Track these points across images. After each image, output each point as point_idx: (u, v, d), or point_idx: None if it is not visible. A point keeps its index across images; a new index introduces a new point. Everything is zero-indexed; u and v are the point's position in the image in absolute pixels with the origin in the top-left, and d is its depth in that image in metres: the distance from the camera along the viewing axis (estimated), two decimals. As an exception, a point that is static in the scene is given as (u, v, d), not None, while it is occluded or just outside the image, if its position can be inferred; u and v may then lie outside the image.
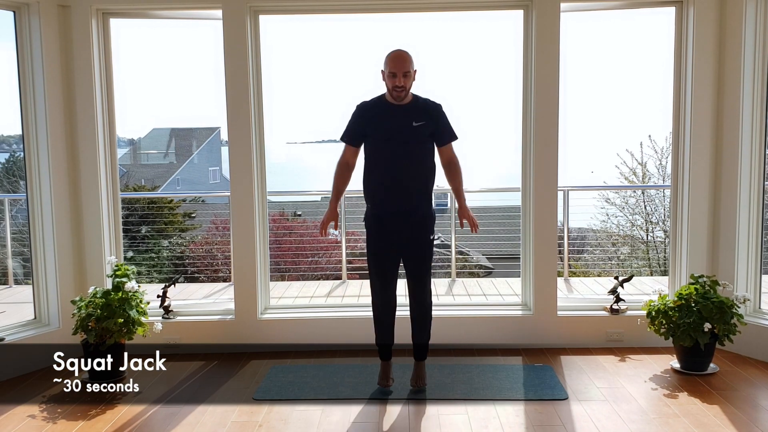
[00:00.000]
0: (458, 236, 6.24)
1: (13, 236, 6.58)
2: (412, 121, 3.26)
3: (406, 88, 3.22)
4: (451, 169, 3.43)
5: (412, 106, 3.28)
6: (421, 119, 3.27)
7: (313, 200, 12.28)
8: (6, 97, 4.44)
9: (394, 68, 3.18)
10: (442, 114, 3.34)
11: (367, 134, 3.34)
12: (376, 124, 3.30)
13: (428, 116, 3.29)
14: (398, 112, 3.27)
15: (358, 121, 3.34)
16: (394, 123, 3.27)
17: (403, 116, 3.26)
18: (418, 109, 3.29)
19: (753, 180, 3.92)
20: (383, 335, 3.51)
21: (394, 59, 3.19)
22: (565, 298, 4.44)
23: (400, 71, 3.17)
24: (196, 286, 6.34)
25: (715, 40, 3.95)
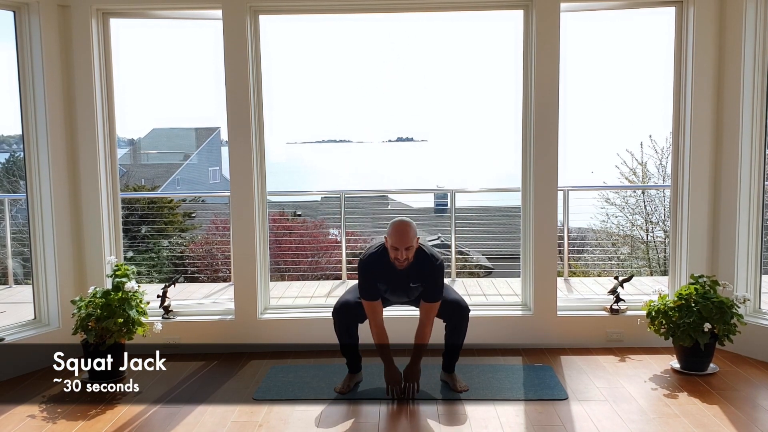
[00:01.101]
0: (458, 236, 6.24)
1: (13, 236, 6.58)
2: (410, 282, 3.40)
3: (409, 259, 3.31)
4: (423, 321, 3.45)
5: (411, 267, 3.37)
6: (417, 281, 3.40)
7: (313, 200, 12.27)
8: (6, 97, 4.43)
9: (396, 243, 3.28)
10: (436, 275, 3.39)
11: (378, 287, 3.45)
12: (381, 280, 3.41)
13: (424, 278, 3.39)
14: (398, 273, 3.38)
15: (370, 280, 3.41)
16: (395, 282, 3.41)
17: (403, 277, 3.40)
18: (416, 271, 3.38)
19: (753, 180, 3.92)
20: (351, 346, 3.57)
21: (397, 234, 3.28)
22: (565, 298, 4.44)
23: (402, 246, 3.27)
24: (196, 286, 6.34)
25: (715, 40, 3.95)
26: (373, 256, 3.41)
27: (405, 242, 3.27)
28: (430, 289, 3.39)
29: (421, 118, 56.74)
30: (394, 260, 3.31)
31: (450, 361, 3.57)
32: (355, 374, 3.59)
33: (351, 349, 3.56)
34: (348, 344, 3.53)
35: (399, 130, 52.48)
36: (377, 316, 3.43)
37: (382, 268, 3.38)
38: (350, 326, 3.51)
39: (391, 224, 3.34)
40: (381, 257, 3.39)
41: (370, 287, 3.41)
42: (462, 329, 3.50)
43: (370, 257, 3.42)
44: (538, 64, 3.99)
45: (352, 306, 3.49)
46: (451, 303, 3.47)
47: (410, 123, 59.16)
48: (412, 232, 3.29)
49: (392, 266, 3.36)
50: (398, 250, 3.27)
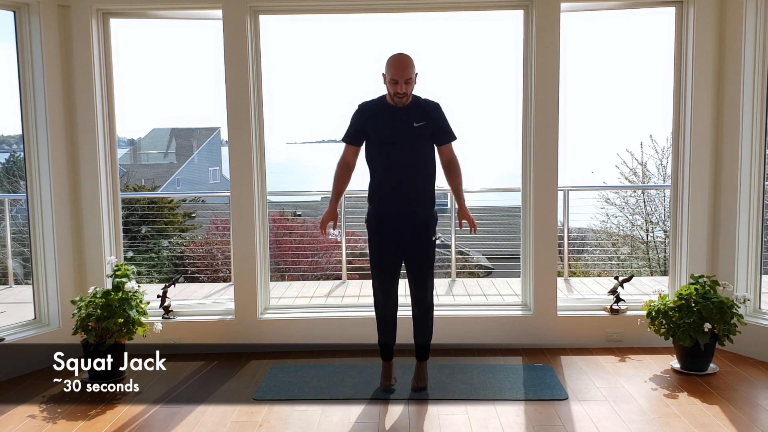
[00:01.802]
0: (458, 236, 6.24)
1: (13, 236, 6.58)
2: (412, 122, 3.25)
3: (408, 94, 3.21)
4: (451, 170, 3.42)
5: (412, 107, 3.27)
6: (421, 120, 3.26)
7: (313, 200, 12.27)
8: (6, 97, 4.44)
9: (395, 75, 3.16)
10: (441, 114, 3.33)
11: (368, 135, 3.34)
12: (377, 125, 3.30)
13: (428, 116, 3.28)
14: (399, 113, 3.26)
15: (358, 121, 3.34)
16: (395, 124, 3.27)
17: (403, 117, 3.26)
18: (418, 109, 3.28)
19: (753, 180, 3.92)
20: (385, 334, 3.51)
21: (396, 66, 3.17)
22: (565, 298, 4.44)
23: (402, 78, 3.15)
24: (196, 286, 6.34)
25: (715, 40, 3.95)
26: (371, 101, 3.34)
27: (405, 74, 3.14)
28: (440, 129, 3.32)
29: (421, 118, 56.34)
30: (393, 96, 3.20)
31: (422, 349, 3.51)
32: (390, 361, 3.53)
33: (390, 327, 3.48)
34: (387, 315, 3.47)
35: (399, 130, 52.22)
36: (348, 158, 3.39)
37: (380, 111, 3.28)
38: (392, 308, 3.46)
39: (389, 57, 3.22)
40: (379, 101, 3.32)
41: (355, 130, 3.34)
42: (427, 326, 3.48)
43: (367, 102, 3.34)
44: (538, 64, 3.99)
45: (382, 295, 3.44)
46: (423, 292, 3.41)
47: (410, 123, 58.84)
48: (411, 64, 3.18)
49: (391, 108, 3.26)
50: (398, 83, 3.15)
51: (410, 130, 3.26)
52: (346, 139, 3.38)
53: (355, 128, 3.35)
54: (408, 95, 3.21)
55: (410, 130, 3.26)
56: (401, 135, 3.27)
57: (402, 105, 3.24)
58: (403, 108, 3.26)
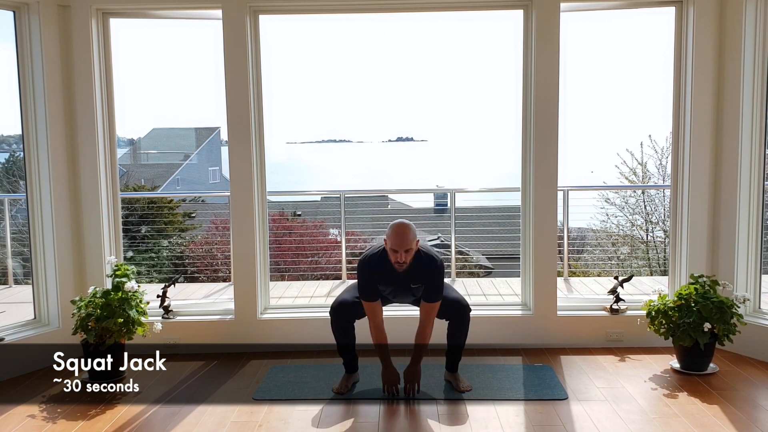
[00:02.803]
0: (458, 236, 6.24)
1: (13, 236, 6.58)
2: (410, 283, 3.41)
3: (407, 262, 3.32)
4: (423, 323, 3.44)
5: (412, 269, 3.38)
6: (417, 282, 3.40)
7: (313, 200, 12.28)
8: (6, 97, 4.43)
9: (395, 245, 3.29)
10: (436, 275, 3.39)
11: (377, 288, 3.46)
12: (381, 281, 3.42)
13: (424, 279, 3.39)
14: (399, 274, 3.38)
15: (370, 281, 3.41)
16: (395, 284, 3.42)
17: (403, 279, 3.39)
18: (417, 271, 3.38)
19: (753, 180, 3.92)
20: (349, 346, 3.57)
21: (396, 237, 3.29)
22: (565, 298, 4.44)
23: (401, 248, 3.28)
24: (196, 286, 6.34)
25: (715, 40, 3.95)
26: (374, 257, 3.42)
27: (404, 244, 3.27)
28: (430, 289, 3.39)
29: (421, 118, 56.71)
30: (394, 263, 3.31)
31: (453, 361, 3.57)
32: (351, 374, 3.59)
33: (348, 348, 3.55)
34: (345, 344, 3.53)
35: (399, 130, 52.45)
36: (377, 317, 3.43)
37: (383, 270, 3.38)
38: (347, 325, 3.51)
39: (390, 227, 3.35)
40: (381, 258, 3.39)
41: (369, 288, 3.41)
42: (463, 328, 3.50)
43: (371, 258, 3.42)
44: (538, 64, 3.99)
45: (349, 304, 3.49)
46: (452, 302, 3.47)
47: (410, 123, 59.11)
48: (411, 235, 3.29)
49: (393, 269, 3.36)
50: (397, 252, 3.27)
51: (408, 290, 3.44)
52: (367, 298, 3.42)
53: (369, 287, 3.42)
54: (407, 263, 3.33)
55: (408, 290, 3.44)
56: (400, 293, 3.48)
57: (402, 270, 3.36)
58: (404, 269, 3.37)
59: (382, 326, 3.45)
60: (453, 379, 3.55)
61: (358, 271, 3.44)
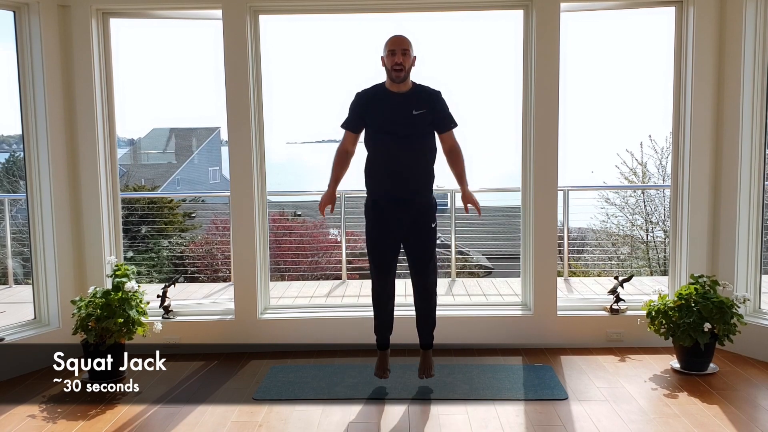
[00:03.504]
0: (458, 236, 6.24)
1: (13, 236, 6.58)
2: (412, 109, 3.23)
3: (405, 68, 3.20)
4: (453, 156, 3.38)
5: (411, 94, 3.26)
6: (421, 107, 3.23)
7: (313, 200, 12.25)
8: (6, 97, 4.44)
9: (393, 46, 3.19)
10: (441, 101, 3.31)
11: (366, 122, 3.31)
12: (376, 112, 3.28)
13: (428, 104, 3.26)
14: (398, 100, 3.24)
15: (357, 108, 3.32)
16: (394, 111, 3.24)
17: (402, 104, 3.23)
18: (417, 96, 3.26)
19: (753, 180, 3.92)
20: (382, 328, 3.50)
21: (393, 38, 3.22)
22: (565, 298, 4.44)
23: (399, 48, 3.18)
24: (196, 286, 6.34)
25: (715, 40, 3.95)
26: (371, 87, 3.33)
27: (402, 44, 3.19)
28: (441, 116, 3.29)
29: (421, 118, 56.33)
30: (391, 69, 3.19)
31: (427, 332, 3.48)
32: (385, 351, 3.52)
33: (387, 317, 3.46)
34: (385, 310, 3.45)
35: (399, 130, 52.23)
36: (346, 144, 3.36)
37: (379, 98, 3.27)
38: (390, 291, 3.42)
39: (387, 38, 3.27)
40: (378, 86, 3.31)
41: (354, 116, 3.32)
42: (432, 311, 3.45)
43: (366, 88, 3.33)
44: (538, 64, 3.99)
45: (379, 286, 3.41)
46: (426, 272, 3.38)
47: (410, 123, 58.84)
48: (409, 40, 3.23)
49: (390, 95, 3.25)
50: (395, 53, 3.17)
51: (410, 118, 3.23)
52: (345, 126, 3.35)
53: (353, 115, 3.33)
54: (406, 69, 3.20)
55: (410, 118, 3.23)
56: (400, 123, 3.23)
57: (401, 81, 3.21)
58: (403, 95, 3.24)
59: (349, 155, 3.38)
60: (424, 359, 3.47)
61: (353, 99, 3.34)
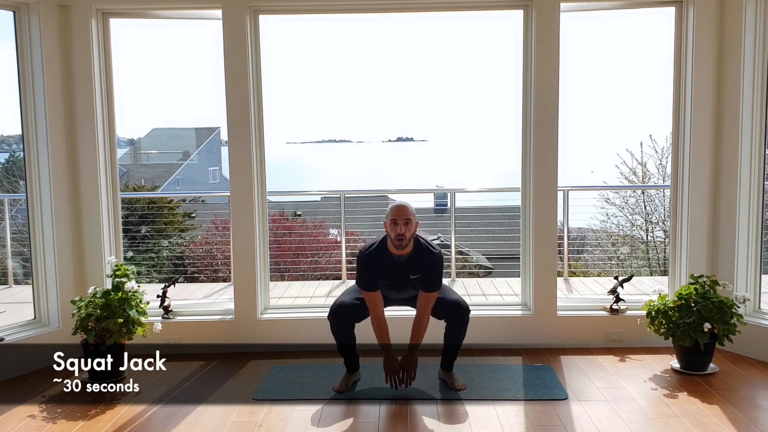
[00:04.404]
0: (458, 236, 6.24)
1: (13, 236, 6.58)
2: (410, 273, 3.41)
3: (407, 237, 3.33)
4: (420, 311, 3.46)
5: (411, 259, 3.41)
6: (417, 273, 3.41)
7: (313, 200, 12.27)
8: (6, 97, 4.44)
9: (395, 215, 3.33)
10: (436, 267, 3.42)
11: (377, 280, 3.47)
12: (381, 274, 3.43)
13: (423, 270, 3.40)
14: (398, 266, 3.41)
15: (369, 271, 3.43)
16: (395, 275, 3.42)
17: (402, 268, 3.41)
18: (416, 262, 3.40)
19: (753, 180, 3.93)
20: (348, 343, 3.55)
21: (396, 207, 3.37)
22: (565, 298, 4.44)
23: (401, 218, 3.31)
24: (196, 286, 6.34)
25: (715, 40, 3.95)
26: (373, 247, 3.44)
27: (404, 214, 3.31)
28: (428, 279, 3.40)
29: (421, 118, 56.69)
30: (394, 238, 3.31)
31: (449, 360, 3.58)
32: (352, 373, 3.60)
33: (348, 348, 3.56)
34: (345, 344, 3.54)
35: (399, 130, 52.40)
36: (377, 308, 3.44)
37: (382, 261, 3.40)
38: (347, 327, 3.51)
39: (390, 206, 3.41)
40: (381, 249, 3.41)
41: (369, 278, 3.42)
42: (462, 330, 3.51)
43: (370, 249, 3.45)
44: (538, 64, 3.99)
45: (348, 307, 3.49)
46: (452, 303, 3.47)
47: (410, 123, 59.06)
48: (410, 209, 3.35)
49: (392, 259, 3.38)
50: (398, 224, 3.29)
51: (407, 282, 3.44)
52: (366, 288, 3.44)
53: (368, 277, 3.43)
54: (407, 238, 3.33)
55: (407, 282, 3.44)
56: (399, 284, 3.45)
57: (402, 248, 3.35)
58: (403, 260, 3.40)
59: (384, 317, 3.46)
60: (448, 378, 3.56)
61: (358, 262, 3.45)
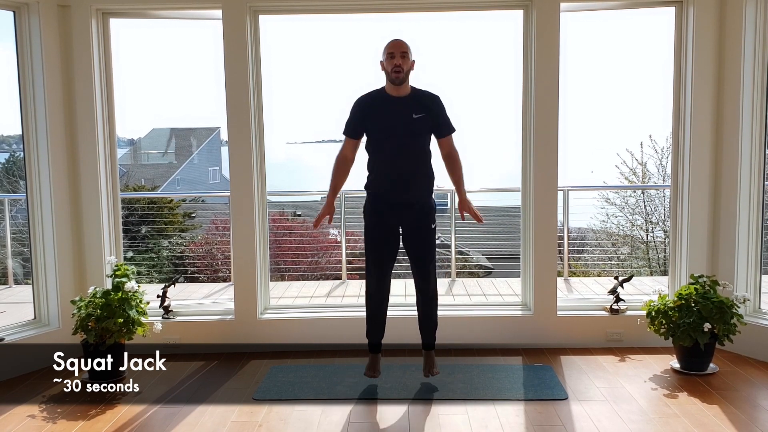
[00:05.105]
0: (458, 236, 6.24)
1: (13, 236, 6.58)
2: (411, 113, 3.27)
3: (404, 70, 3.23)
4: (451, 162, 3.42)
5: (411, 98, 3.29)
6: (420, 111, 3.28)
7: (313, 200, 12.27)
8: (6, 97, 4.44)
9: (391, 49, 3.23)
10: (440, 106, 3.35)
11: (367, 128, 3.34)
12: (376, 117, 3.31)
13: (427, 109, 3.29)
14: (398, 105, 3.27)
15: (357, 115, 3.34)
16: (394, 116, 3.28)
17: (402, 108, 3.27)
18: (417, 101, 3.29)
19: (753, 180, 3.92)
20: (374, 329, 3.54)
21: (392, 42, 3.26)
22: (565, 298, 4.44)
23: (398, 51, 3.21)
24: (196, 286, 6.34)
25: (715, 40, 3.95)
26: (371, 93, 3.36)
27: (401, 47, 3.23)
28: (440, 122, 3.33)
29: (421, 118, 56.29)
30: (391, 72, 3.23)
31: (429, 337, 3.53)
32: (377, 354, 3.55)
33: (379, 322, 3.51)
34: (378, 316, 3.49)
35: (399, 131, 52.13)
36: (346, 152, 3.38)
37: (379, 103, 3.31)
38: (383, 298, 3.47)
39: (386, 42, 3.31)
40: (378, 92, 3.34)
41: (354, 123, 3.35)
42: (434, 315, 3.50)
43: (366, 94, 3.37)
44: (538, 64, 3.99)
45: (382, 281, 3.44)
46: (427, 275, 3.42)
47: (410, 123, 58.74)
48: (407, 43, 3.26)
49: (390, 100, 3.29)
50: (394, 56, 3.21)
51: (409, 122, 3.27)
52: (346, 132, 3.38)
53: (354, 121, 3.35)
54: (405, 71, 3.23)
55: (409, 122, 3.27)
56: (400, 127, 3.27)
57: (400, 83, 3.24)
58: (402, 99, 3.28)
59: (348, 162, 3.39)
60: (427, 358, 3.52)
61: (353, 105, 3.37)
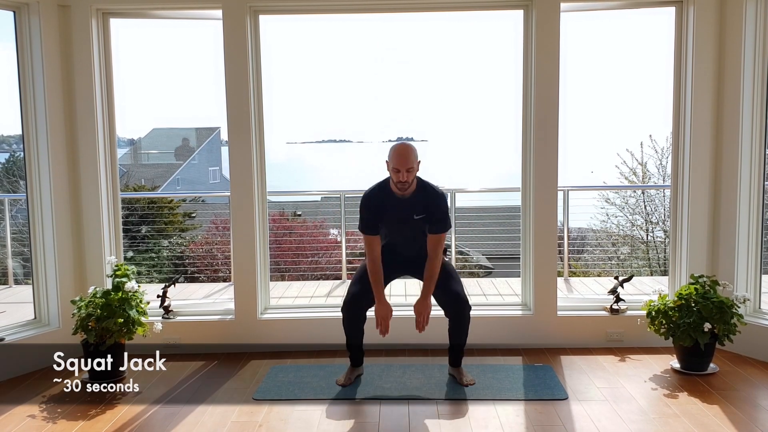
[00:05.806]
0: (458, 236, 6.24)
1: (13, 236, 6.58)
2: (413, 214, 3.40)
3: (409, 182, 3.32)
4: (432, 257, 3.44)
5: (414, 198, 3.39)
6: (421, 213, 3.39)
7: (313, 200, 12.26)
8: (6, 97, 4.44)
9: (397, 164, 3.28)
10: (440, 207, 3.41)
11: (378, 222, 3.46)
12: (383, 216, 3.43)
13: (427, 209, 3.39)
14: (401, 205, 3.39)
15: (371, 213, 3.43)
16: (398, 214, 3.41)
17: (405, 209, 3.41)
18: (419, 200, 3.39)
19: (753, 180, 3.92)
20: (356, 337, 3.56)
21: (398, 156, 3.28)
22: (565, 298, 4.44)
23: (404, 167, 3.27)
24: (196, 286, 6.34)
25: (715, 40, 3.95)
26: (374, 189, 3.44)
27: (406, 163, 3.27)
28: (435, 220, 3.38)
29: (421, 118, 56.63)
30: (396, 183, 3.30)
31: (456, 358, 3.60)
32: (356, 368, 3.62)
33: (357, 342, 3.57)
34: (355, 337, 3.54)
35: (399, 130, 52.38)
36: (374, 250, 3.43)
37: (384, 201, 3.39)
38: (359, 316, 3.49)
39: (392, 148, 3.33)
40: (382, 190, 3.41)
41: (370, 220, 3.41)
42: (463, 327, 3.50)
43: (372, 190, 3.45)
44: (538, 64, 3.99)
45: (359, 297, 3.46)
46: (453, 295, 3.45)
47: (410, 123, 59.01)
48: (413, 154, 3.29)
49: (394, 199, 3.37)
50: (399, 171, 3.27)
51: (411, 222, 3.41)
52: (366, 231, 3.45)
53: (369, 220, 3.44)
54: (409, 183, 3.32)
55: (411, 222, 3.41)
56: (403, 225, 3.44)
57: (404, 191, 3.34)
58: (407, 201, 3.39)
59: (379, 261, 3.43)
60: (456, 374, 3.59)
61: (361, 204, 3.45)
